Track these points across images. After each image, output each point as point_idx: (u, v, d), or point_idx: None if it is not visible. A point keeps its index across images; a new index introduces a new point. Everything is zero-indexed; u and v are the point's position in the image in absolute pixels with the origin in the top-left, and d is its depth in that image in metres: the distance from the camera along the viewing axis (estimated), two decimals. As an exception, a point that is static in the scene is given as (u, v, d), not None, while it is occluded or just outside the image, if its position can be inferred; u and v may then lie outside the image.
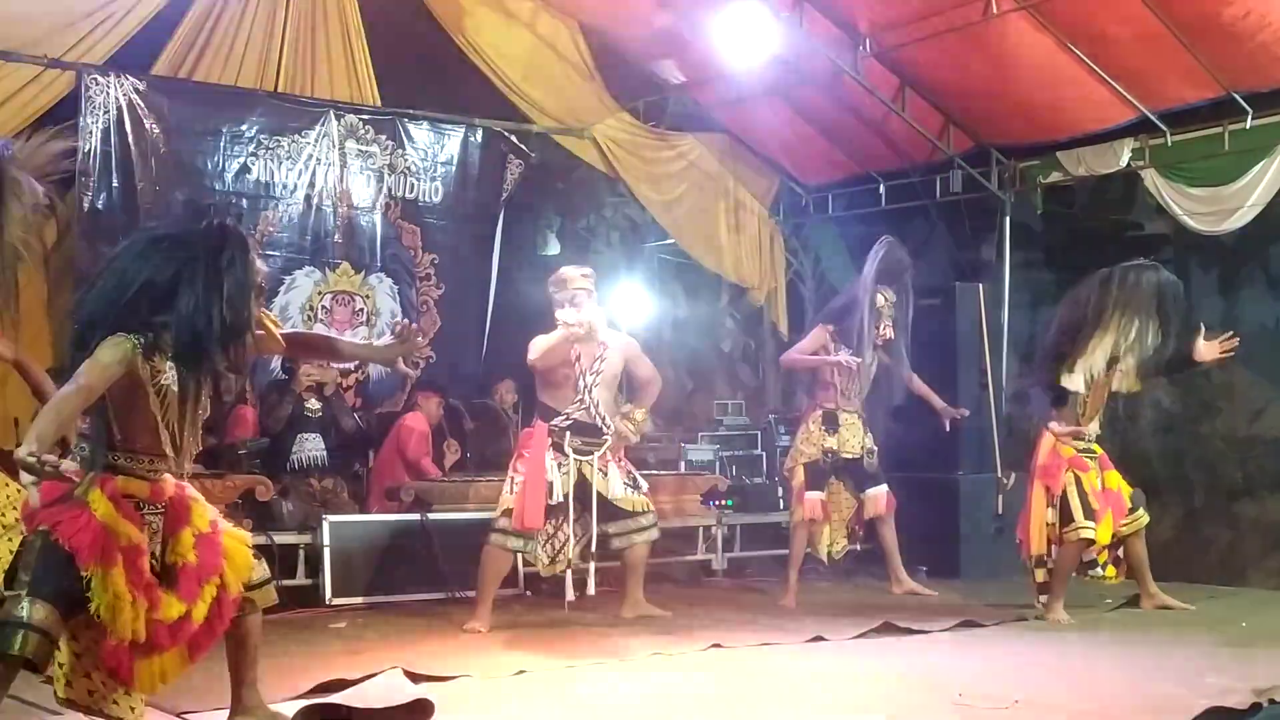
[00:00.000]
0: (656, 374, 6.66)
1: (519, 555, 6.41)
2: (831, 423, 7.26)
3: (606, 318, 6.43)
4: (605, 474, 6.32)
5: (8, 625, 3.46)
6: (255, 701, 4.08)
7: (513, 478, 6.24)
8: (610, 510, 6.33)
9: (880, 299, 7.18)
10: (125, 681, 3.67)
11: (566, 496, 6.23)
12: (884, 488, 7.37)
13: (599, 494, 6.28)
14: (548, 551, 6.30)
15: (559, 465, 6.22)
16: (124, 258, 3.77)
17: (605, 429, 6.33)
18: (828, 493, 7.31)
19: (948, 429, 7.62)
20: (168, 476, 3.80)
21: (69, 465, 3.42)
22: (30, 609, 3.48)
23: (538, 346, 6.26)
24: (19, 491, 4.66)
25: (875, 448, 7.34)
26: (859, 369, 7.16)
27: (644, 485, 6.53)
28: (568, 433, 6.26)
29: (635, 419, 6.49)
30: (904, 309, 7.31)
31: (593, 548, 6.32)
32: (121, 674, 3.64)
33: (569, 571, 6.32)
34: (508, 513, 6.16)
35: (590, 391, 6.28)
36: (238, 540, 3.97)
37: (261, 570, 4.04)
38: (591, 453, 6.29)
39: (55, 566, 3.52)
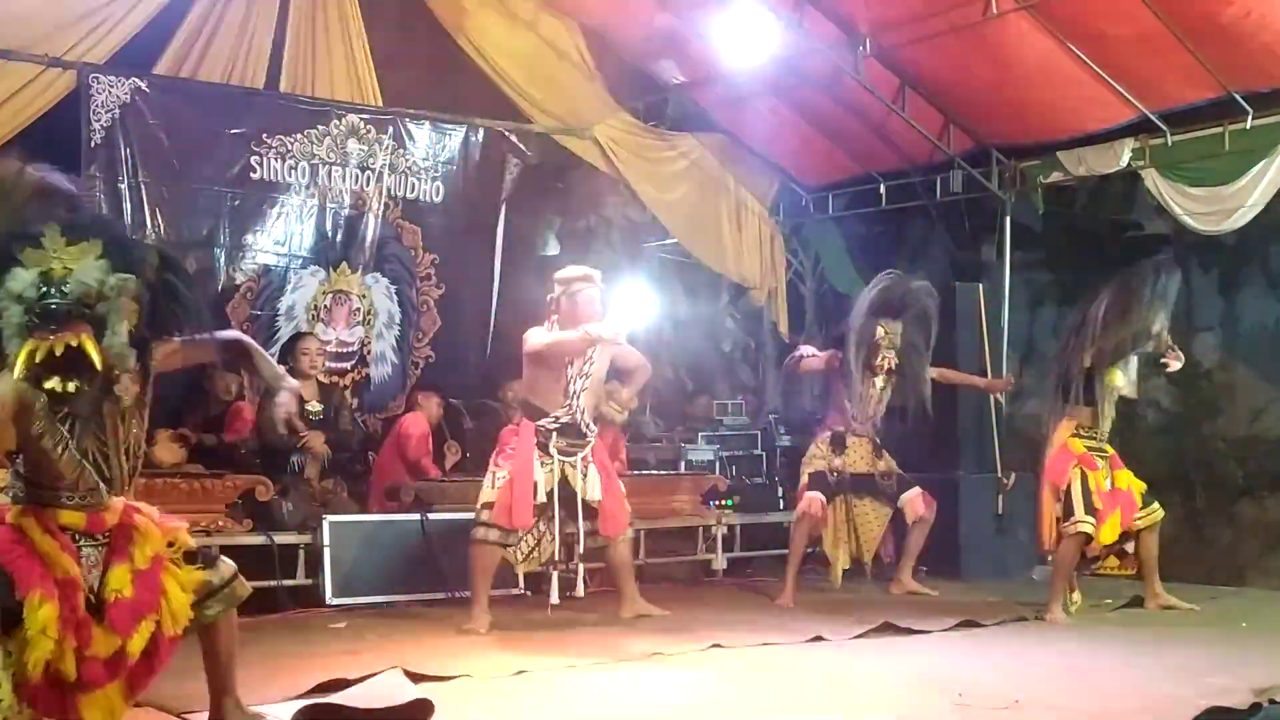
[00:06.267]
0: (644, 361, 6.70)
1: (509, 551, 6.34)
2: (839, 444, 7.35)
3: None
4: (585, 476, 6.34)
5: None
6: (232, 708, 3.93)
7: (494, 473, 6.26)
8: (588, 511, 6.35)
9: (880, 331, 7.20)
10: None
11: (550, 495, 6.26)
12: (918, 490, 7.43)
13: (579, 495, 6.31)
14: (522, 550, 6.29)
15: (544, 464, 6.24)
16: None
17: (588, 432, 6.38)
18: (851, 512, 7.39)
19: (1003, 398, 7.87)
20: (112, 503, 3.59)
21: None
22: None
23: (544, 340, 6.24)
24: None
25: (894, 471, 7.40)
26: (863, 395, 7.23)
27: (621, 488, 6.57)
28: (554, 434, 6.29)
29: (621, 398, 6.58)
30: (923, 334, 7.32)
31: (580, 549, 6.34)
32: (49, 710, 3.44)
33: (554, 574, 6.34)
34: (488, 506, 6.17)
35: (578, 396, 6.31)
36: (178, 580, 3.68)
37: (219, 573, 3.82)
38: (575, 454, 6.32)
39: None
